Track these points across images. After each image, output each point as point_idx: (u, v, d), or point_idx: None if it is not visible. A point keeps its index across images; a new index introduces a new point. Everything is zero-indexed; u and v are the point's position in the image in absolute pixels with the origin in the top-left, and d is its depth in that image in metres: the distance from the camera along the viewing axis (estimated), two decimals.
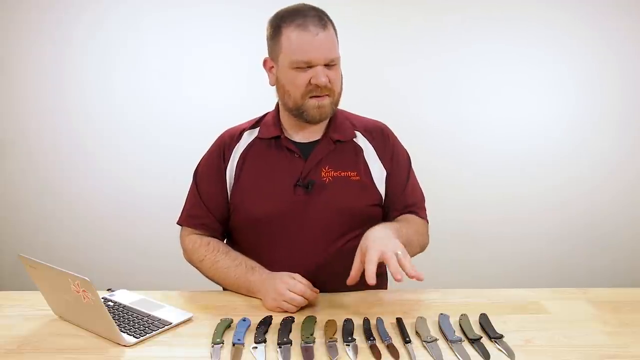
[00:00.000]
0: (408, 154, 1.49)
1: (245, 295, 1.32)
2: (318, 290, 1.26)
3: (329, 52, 1.27)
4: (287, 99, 1.32)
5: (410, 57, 2.51)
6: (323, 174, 1.36)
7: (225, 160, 1.41)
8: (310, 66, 1.26)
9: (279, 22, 1.29)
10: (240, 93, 2.48)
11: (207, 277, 1.40)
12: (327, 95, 1.30)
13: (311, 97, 1.29)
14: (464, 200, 2.57)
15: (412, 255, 1.29)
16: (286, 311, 1.22)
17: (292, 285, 1.23)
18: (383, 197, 1.40)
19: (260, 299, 1.29)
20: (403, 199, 1.43)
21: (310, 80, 1.27)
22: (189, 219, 1.44)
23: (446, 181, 2.53)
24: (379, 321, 1.15)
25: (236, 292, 1.34)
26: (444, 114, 2.55)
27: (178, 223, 1.47)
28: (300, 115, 1.33)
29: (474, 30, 2.50)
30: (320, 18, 1.27)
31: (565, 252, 2.64)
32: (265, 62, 1.37)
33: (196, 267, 1.42)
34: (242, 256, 1.36)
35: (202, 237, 1.42)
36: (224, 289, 1.46)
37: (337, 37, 1.32)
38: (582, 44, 2.50)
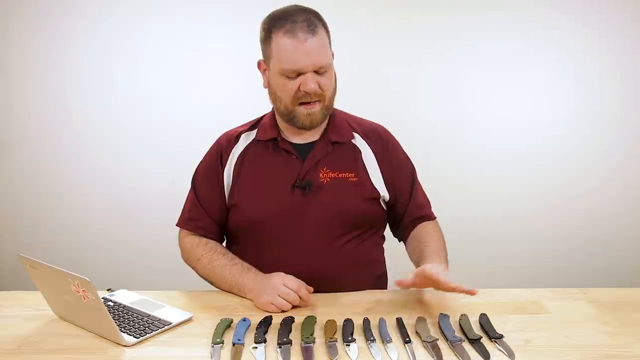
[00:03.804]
0: (408, 157, 1.49)
1: (238, 295, 1.31)
2: (312, 289, 1.26)
3: (318, 59, 1.25)
4: (279, 104, 1.33)
5: (410, 58, 2.51)
6: (321, 175, 1.36)
7: (222, 163, 1.41)
8: (299, 74, 1.26)
9: (270, 27, 1.28)
10: (240, 93, 2.48)
11: (202, 276, 1.40)
12: (317, 101, 1.29)
13: (301, 104, 1.29)
14: (463, 200, 2.57)
15: None
16: (279, 308, 1.21)
17: (287, 281, 1.24)
18: (381, 195, 1.40)
19: (251, 299, 1.28)
20: (414, 208, 1.45)
21: (299, 87, 1.27)
22: (187, 222, 1.45)
23: (446, 181, 2.52)
24: (382, 321, 1.15)
25: (229, 292, 1.33)
26: (444, 113, 2.55)
27: (177, 225, 1.47)
28: (291, 121, 1.33)
29: (473, 30, 2.49)
30: (310, 22, 1.25)
31: (565, 252, 2.64)
32: (259, 65, 1.37)
33: (193, 267, 1.42)
34: (238, 259, 1.36)
35: (200, 238, 1.42)
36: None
37: (329, 39, 1.31)
38: (582, 44, 2.50)
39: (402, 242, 1.51)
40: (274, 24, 1.27)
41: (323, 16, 1.32)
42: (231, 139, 1.43)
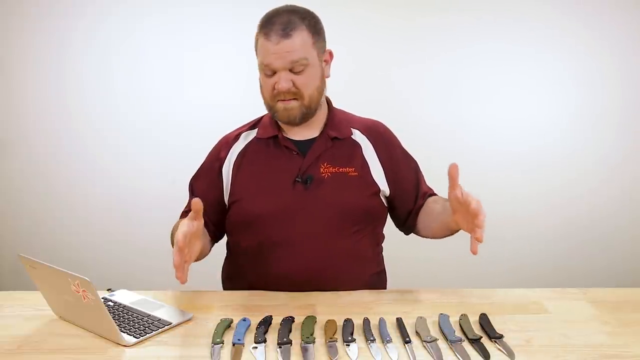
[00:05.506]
0: (408, 152, 1.50)
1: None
2: (188, 241, 1.15)
3: (290, 57, 1.27)
4: (263, 100, 1.38)
5: (410, 58, 2.51)
6: (322, 169, 1.37)
7: (220, 160, 1.43)
8: (274, 72, 1.30)
9: (258, 26, 1.33)
10: (239, 93, 2.47)
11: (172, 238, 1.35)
12: (294, 99, 1.32)
13: (278, 100, 1.33)
14: None
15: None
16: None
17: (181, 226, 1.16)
18: (381, 190, 1.40)
19: None
20: (421, 198, 1.46)
21: (274, 86, 1.31)
22: (182, 214, 1.46)
23: (446, 182, 2.52)
24: (382, 321, 1.15)
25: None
26: (444, 114, 2.55)
27: None
28: (274, 116, 1.37)
29: (474, 30, 2.49)
30: (286, 26, 1.27)
31: (565, 252, 2.64)
32: None
33: (171, 239, 1.36)
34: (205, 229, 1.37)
35: None
36: (224, 289, 1.46)
37: (319, 39, 1.32)
38: (583, 44, 2.50)
39: (410, 234, 1.51)
40: (260, 24, 1.32)
41: (319, 16, 1.34)
42: (230, 139, 1.46)
